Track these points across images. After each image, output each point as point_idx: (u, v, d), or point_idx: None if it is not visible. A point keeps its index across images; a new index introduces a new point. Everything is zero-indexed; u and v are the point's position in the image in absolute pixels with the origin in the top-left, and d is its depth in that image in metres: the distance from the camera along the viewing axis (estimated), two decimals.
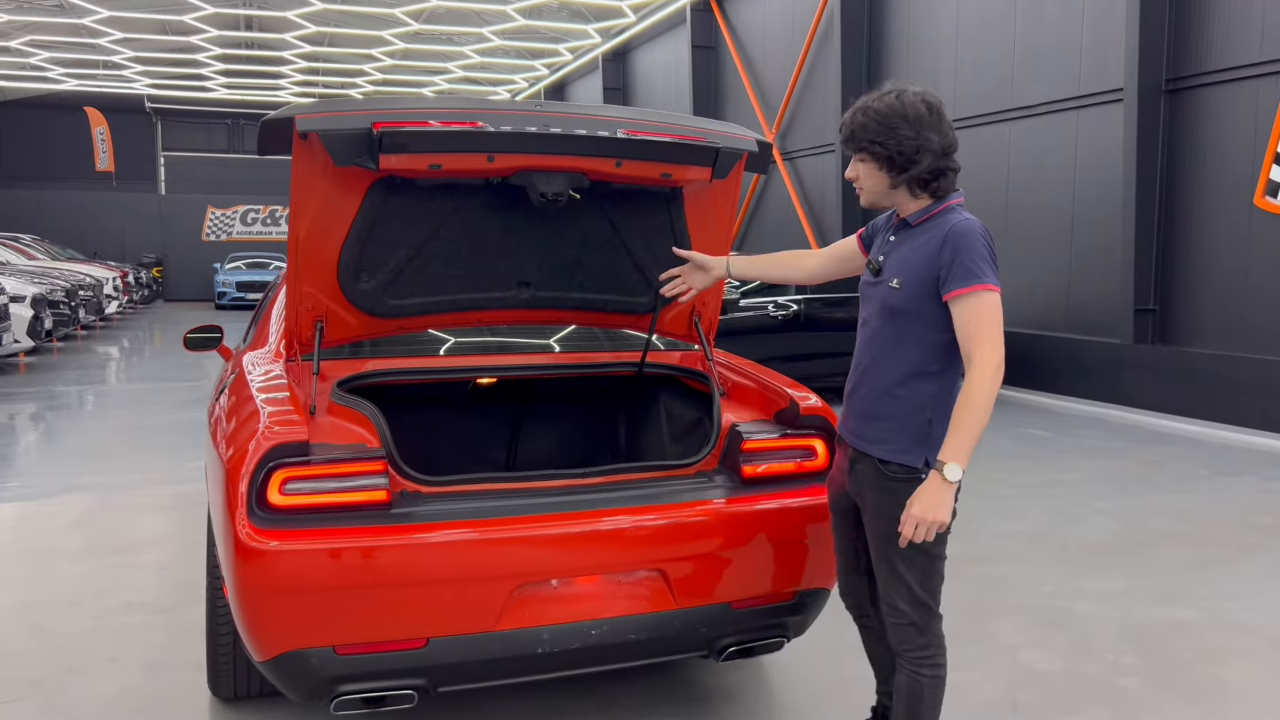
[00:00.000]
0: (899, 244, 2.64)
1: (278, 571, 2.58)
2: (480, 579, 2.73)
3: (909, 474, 2.56)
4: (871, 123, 2.54)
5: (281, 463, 2.64)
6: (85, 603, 4.40)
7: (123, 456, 7.56)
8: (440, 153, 2.90)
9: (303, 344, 3.30)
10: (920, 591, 2.60)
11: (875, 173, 2.60)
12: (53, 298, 14.31)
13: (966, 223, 2.51)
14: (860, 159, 2.62)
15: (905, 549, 2.55)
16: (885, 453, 2.59)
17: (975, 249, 2.45)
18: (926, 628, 2.63)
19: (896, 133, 2.51)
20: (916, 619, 2.61)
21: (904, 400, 2.58)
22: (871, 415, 2.64)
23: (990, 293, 2.44)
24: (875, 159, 2.57)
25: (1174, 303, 9.91)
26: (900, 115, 2.51)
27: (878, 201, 2.66)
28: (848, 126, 2.61)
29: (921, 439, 2.55)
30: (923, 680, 2.63)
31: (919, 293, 2.53)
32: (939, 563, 2.62)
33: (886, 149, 2.53)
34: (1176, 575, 4.94)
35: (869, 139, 2.55)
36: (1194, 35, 9.60)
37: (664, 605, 2.92)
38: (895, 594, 2.62)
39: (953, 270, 2.46)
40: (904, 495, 2.52)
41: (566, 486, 3.01)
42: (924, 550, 2.56)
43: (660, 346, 3.91)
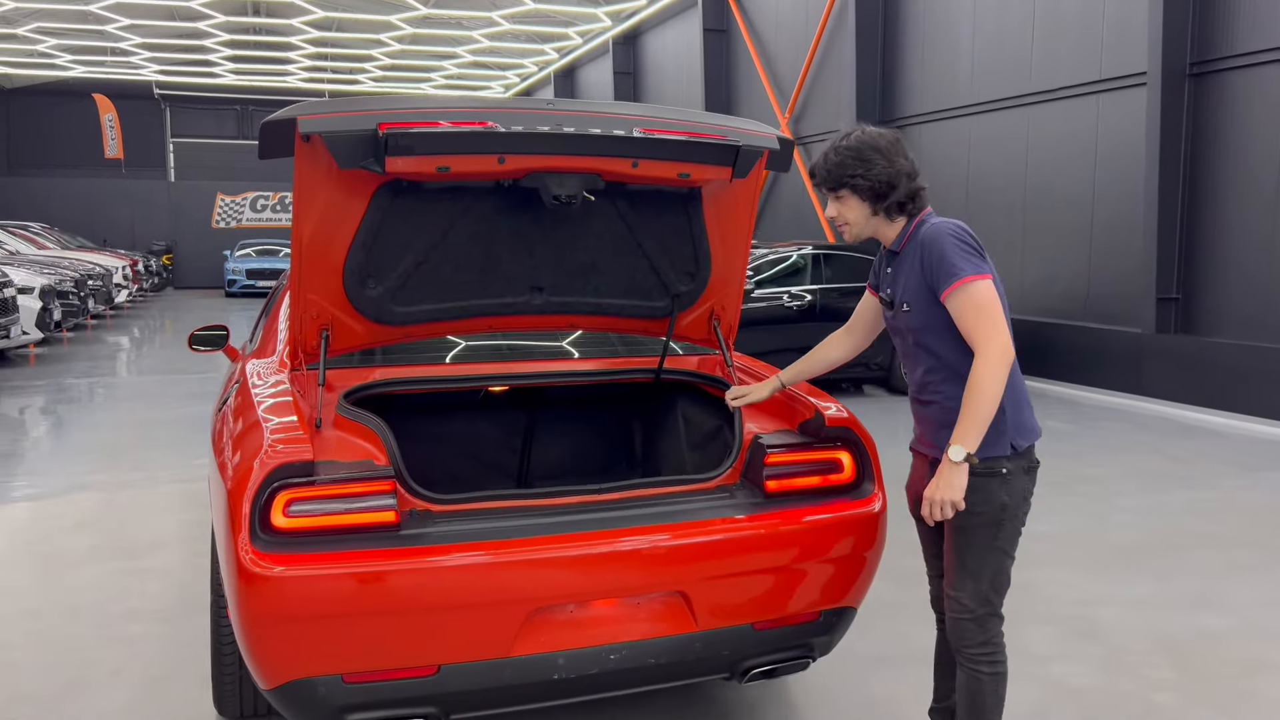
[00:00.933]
0: (895, 272, 2.78)
1: (282, 598, 2.46)
2: (494, 603, 2.61)
3: (990, 468, 2.60)
4: (847, 159, 2.69)
5: (285, 483, 2.52)
6: (88, 611, 4.30)
7: (131, 453, 7.47)
8: (449, 154, 2.77)
9: (308, 353, 3.17)
10: (988, 589, 2.67)
11: (858, 205, 2.73)
12: (61, 288, 14.23)
13: (932, 228, 2.65)
14: (839, 196, 2.76)
15: (982, 546, 2.64)
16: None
17: (945, 247, 2.58)
18: (986, 625, 2.69)
19: (872, 163, 2.66)
20: (979, 614, 2.67)
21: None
22: (944, 423, 2.68)
23: (974, 283, 2.54)
24: (857, 191, 2.71)
25: (1197, 292, 9.73)
26: (871, 146, 2.68)
27: (862, 233, 2.80)
28: (822, 169, 2.75)
29: (997, 429, 2.60)
30: (983, 678, 2.69)
31: (928, 306, 2.66)
32: (1008, 563, 2.69)
33: (867, 179, 2.67)
34: (1208, 580, 4.80)
35: (848, 174, 2.69)
36: (1219, 17, 9.38)
37: (685, 628, 2.79)
38: (962, 588, 2.69)
39: (936, 274, 2.59)
40: (984, 490, 2.60)
41: (583, 504, 2.88)
42: (1000, 548, 2.65)
43: (678, 351, 3.78)
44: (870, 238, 2.81)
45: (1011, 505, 2.64)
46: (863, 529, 2.97)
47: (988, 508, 2.62)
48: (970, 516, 2.61)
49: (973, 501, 2.59)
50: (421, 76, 34.03)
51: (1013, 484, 2.64)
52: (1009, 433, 2.63)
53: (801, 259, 10.45)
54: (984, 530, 2.64)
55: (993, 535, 2.63)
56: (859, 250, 11.22)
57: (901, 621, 4.12)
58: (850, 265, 10.53)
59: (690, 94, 20.94)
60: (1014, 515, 2.66)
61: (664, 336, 3.59)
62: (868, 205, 2.72)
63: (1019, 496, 2.66)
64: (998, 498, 2.62)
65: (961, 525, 2.64)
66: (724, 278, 3.49)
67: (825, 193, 2.79)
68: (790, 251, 10.60)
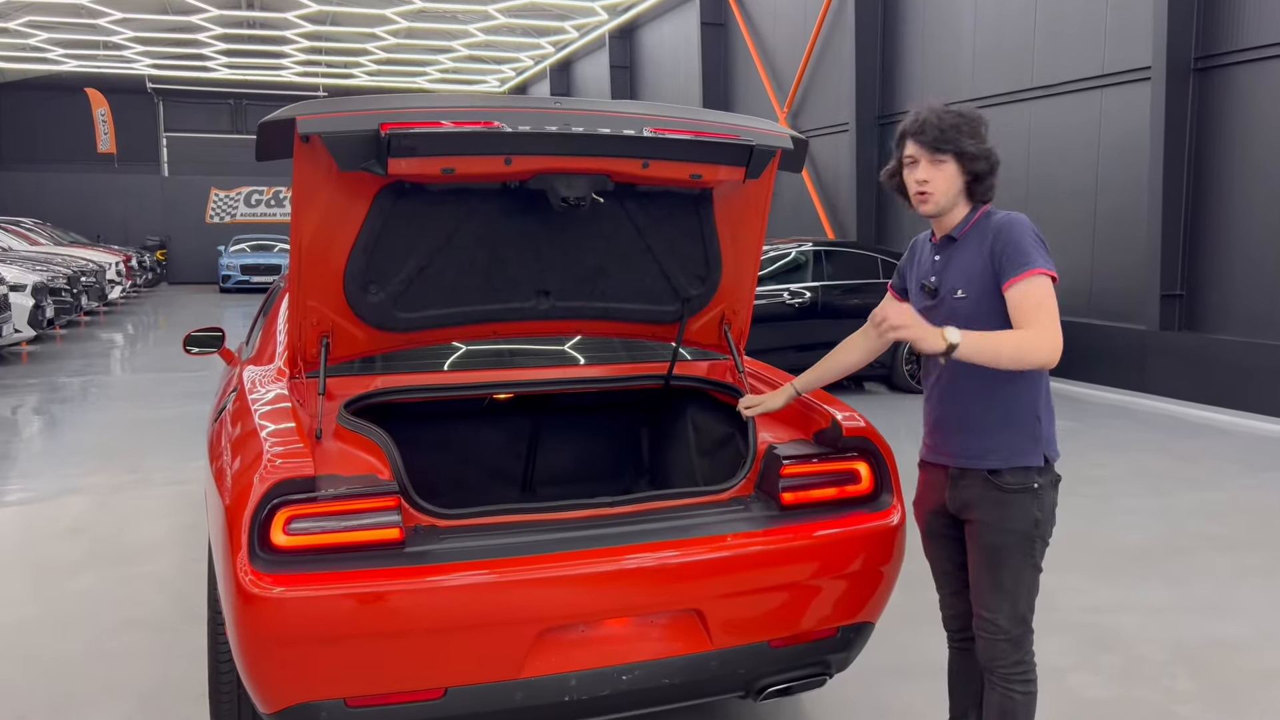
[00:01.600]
0: (948, 259, 2.63)
1: (283, 620, 2.36)
2: (502, 623, 2.51)
3: (1022, 482, 2.53)
4: (961, 124, 2.54)
5: (286, 500, 2.42)
6: (81, 622, 4.20)
7: (124, 454, 7.37)
8: (454, 155, 2.67)
9: (307, 361, 3.07)
10: (1023, 607, 2.58)
11: (955, 175, 2.57)
12: (54, 285, 14.11)
13: (1007, 216, 2.54)
14: (940, 160, 2.56)
15: (1018, 565, 2.54)
16: (998, 460, 2.55)
17: (1023, 235, 2.48)
18: (1022, 643, 2.60)
19: (982, 138, 2.55)
20: (1015, 635, 2.58)
21: (1007, 403, 2.55)
22: (973, 429, 2.59)
23: (1044, 276, 2.44)
24: (961, 159, 2.55)
25: (1201, 288, 9.65)
26: (977, 119, 2.56)
27: (942, 206, 2.61)
28: (934, 127, 2.54)
29: (1033, 438, 2.53)
30: (1016, 697, 2.59)
31: (985, 295, 2.53)
32: (1038, 577, 2.61)
33: (976, 149, 2.54)
34: (1221, 586, 4.72)
35: (962, 137, 2.53)
36: (1225, 12, 9.29)
37: (699, 646, 2.70)
38: (997, 609, 2.58)
39: (1007, 260, 2.46)
40: (1017, 507, 2.52)
41: (593, 517, 2.78)
42: (1034, 564, 2.57)
43: (686, 356, 3.68)
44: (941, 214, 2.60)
45: (1044, 520, 2.58)
46: (881, 542, 2.88)
47: (1023, 525, 2.55)
48: (1005, 535, 2.54)
49: (1007, 520, 2.53)
50: (416, 71, 33.84)
51: (1044, 498, 2.58)
52: (1043, 443, 2.57)
53: (802, 255, 10.36)
54: (1020, 548, 2.56)
55: (1028, 552, 2.57)
56: (860, 247, 11.15)
57: (915, 631, 4.03)
58: (851, 262, 10.44)
59: (687, 88, 20.83)
60: (1047, 531, 2.59)
61: (673, 342, 3.50)
62: (963, 177, 2.56)
63: (1049, 510, 2.60)
64: (1031, 514, 2.55)
65: (996, 544, 2.56)
66: (735, 281, 3.40)
67: (924, 152, 2.55)
68: (790, 248, 10.50)
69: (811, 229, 16.22)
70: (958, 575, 2.77)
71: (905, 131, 2.62)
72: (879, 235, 14.62)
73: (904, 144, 2.63)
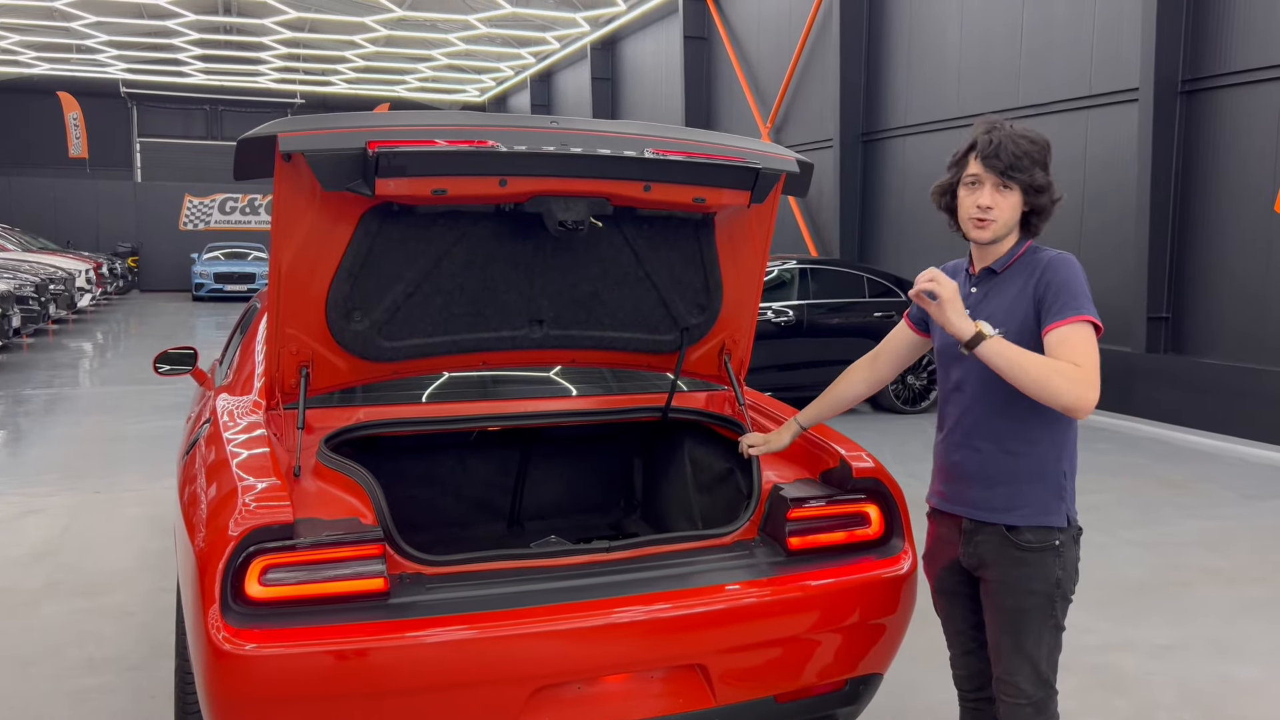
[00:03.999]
0: (987, 293, 2.45)
1: (257, 680, 2.18)
2: (493, 681, 2.34)
3: (1043, 540, 2.36)
4: (1036, 151, 2.36)
5: (261, 548, 2.24)
6: (42, 659, 3.97)
7: (91, 473, 7.11)
8: (445, 176, 2.51)
9: (285, 392, 2.89)
10: (1045, 669, 2.42)
11: (1018, 203, 2.39)
12: (21, 293, 13.78)
13: (1060, 255, 2.36)
14: (1008, 186, 2.37)
15: (1039, 626, 2.38)
16: (1021, 518, 2.38)
17: (1075, 278, 2.30)
18: (1046, 708, 2.44)
19: (1047, 166, 2.38)
20: (1038, 699, 2.41)
21: (1032, 456, 2.37)
22: (994, 480, 2.41)
23: (1091, 325, 2.25)
24: (1029, 191, 2.37)
25: (1188, 311, 9.61)
26: (1048, 148, 2.39)
27: (1001, 233, 2.42)
28: (1010, 151, 2.33)
29: (1059, 494, 2.37)
30: None
31: (1024, 334, 2.33)
32: (1060, 638, 2.46)
33: (1044, 183, 2.37)
34: (1226, 623, 4.60)
35: (1034, 166, 2.35)
36: (1212, 35, 9.27)
37: (702, 703, 2.54)
38: (1018, 673, 2.41)
39: (1054, 300, 2.28)
40: (1038, 566, 2.36)
41: (589, 564, 2.62)
42: (1056, 624, 2.41)
43: (682, 387, 3.52)
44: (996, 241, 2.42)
45: (1065, 578, 2.41)
46: (892, 591, 2.74)
47: (1044, 585, 2.38)
48: (1027, 596, 2.38)
49: (1028, 579, 2.38)
50: (395, 79, 33.59)
51: (1066, 556, 2.41)
52: (1067, 501, 2.41)
53: (787, 273, 10.23)
54: (1041, 610, 2.39)
55: (1049, 613, 2.40)
56: (845, 265, 11.04)
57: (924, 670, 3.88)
58: (836, 280, 10.32)
59: (670, 102, 20.74)
60: (1068, 588, 2.43)
61: (671, 372, 3.34)
62: (1025, 207, 2.39)
63: (1071, 567, 2.43)
64: (1053, 573, 2.38)
65: (1016, 606, 2.40)
66: (736, 310, 3.25)
67: (992, 176, 2.34)
68: (773, 265, 10.38)
69: (794, 246, 16.13)
70: (971, 635, 2.61)
71: (976, 151, 2.38)
72: (862, 253, 14.55)
73: (967, 162, 2.41)
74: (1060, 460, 2.38)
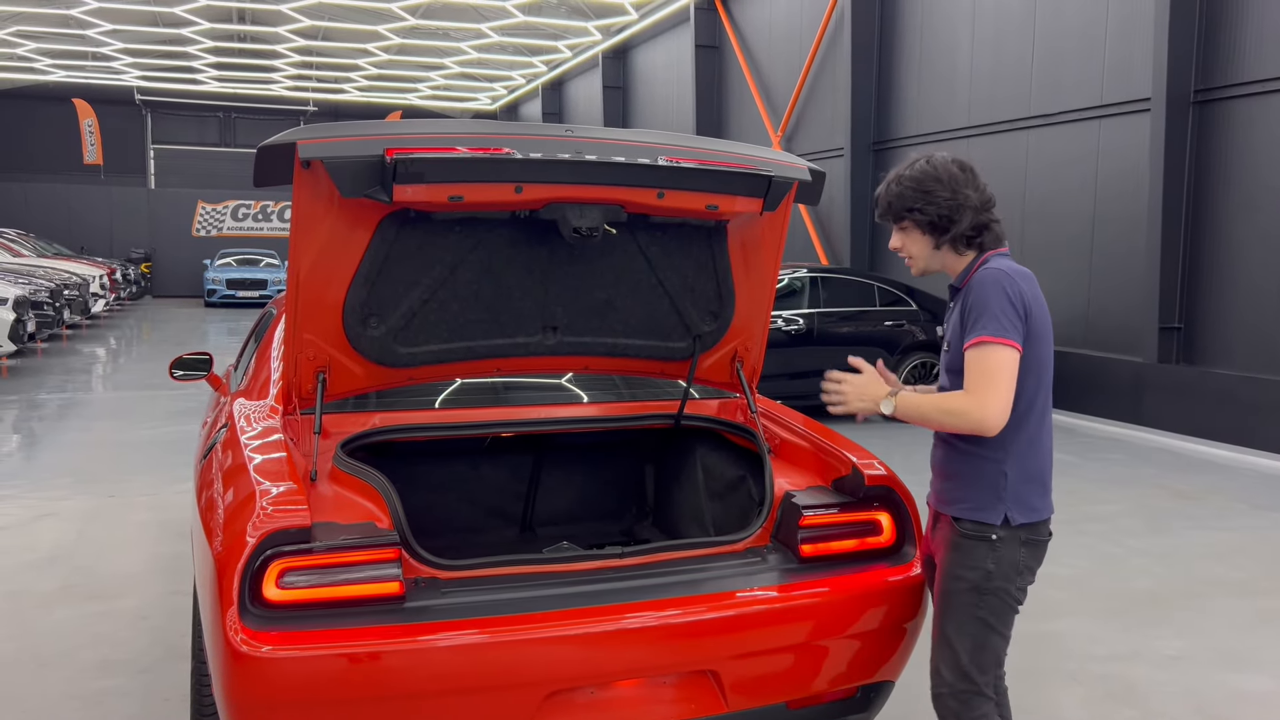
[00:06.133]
0: (953, 310, 2.60)
1: (274, 682, 2.20)
2: (507, 686, 2.36)
3: (979, 532, 2.46)
4: (907, 191, 2.52)
5: (279, 551, 2.27)
6: (57, 662, 4.00)
7: (104, 477, 7.16)
8: (462, 182, 2.54)
9: (302, 397, 2.91)
10: (966, 662, 2.48)
11: (920, 238, 2.57)
12: (36, 299, 13.88)
13: (986, 272, 2.45)
14: (902, 228, 2.59)
15: (962, 614, 2.46)
16: (961, 511, 2.50)
17: (986, 299, 2.39)
18: (970, 704, 2.48)
19: (933, 195, 2.49)
20: (958, 689, 2.48)
21: (976, 456, 2.48)
22: (949, 475, 2.56)
23: (989, 345, 2.35)
24: (917, 225, 2.54)
25: (1200, 322, 9.59)
26: (934, 178, 2.50)
27: (928, 266, 2.62)
28: (883, 200, 2.58)
29: (996, 493, 2.45)
30: None
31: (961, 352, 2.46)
32: (995, 637, 2.49)
33: (927, 214, 2.50)
34: (1236, 633, 4.59)
35: (906, 207, 2.53)
36: (1224, 45, 9.26)
37: (714, 709, 2.56)
38: (940, 659, 2.53)
39: (970, 321, 2.41)
40: (969, 554, 2.46)
41: (602, 569, 2.64)
42: (983, 620, 2.46)
43: (694, 395, 3.54)
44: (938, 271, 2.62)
45: (998, 574, 2.45)
46: (904, 598, 2.75)
47: (972, 574, 2.45)
48: (954, 581, 2.48)
49: (958, 565, 2.47)
50: (408, 87, 33.73)
51: (1002, 552, 2.45)
52: (1006, 503, 2.45)
53: (797, 282, 10.24)
54: (966, 596, 2.46)
55: (974, 603, 2.46)
56: (856, 273, 11.05)
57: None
58: (847, 288, 10.34)
59: (681, 110, 20.78)
60: (1001, 588, 2.45)
61: (683, 380, 3.36)
62: (930, 238, 2.54)
63: (1008, 567, 2.45)
64: (983, 565, 2.45)
65: (945, 590, 2.51)
66: (749, 317, 3.27)
67: (887, 223, 2.62)
68: (784, 274, 10.39)
69: (804, 254, 16.14)
70: None
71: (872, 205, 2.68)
72: (872, 261, 14.55)
73: None
74: (1002, 463, 2.45)
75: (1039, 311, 2.44)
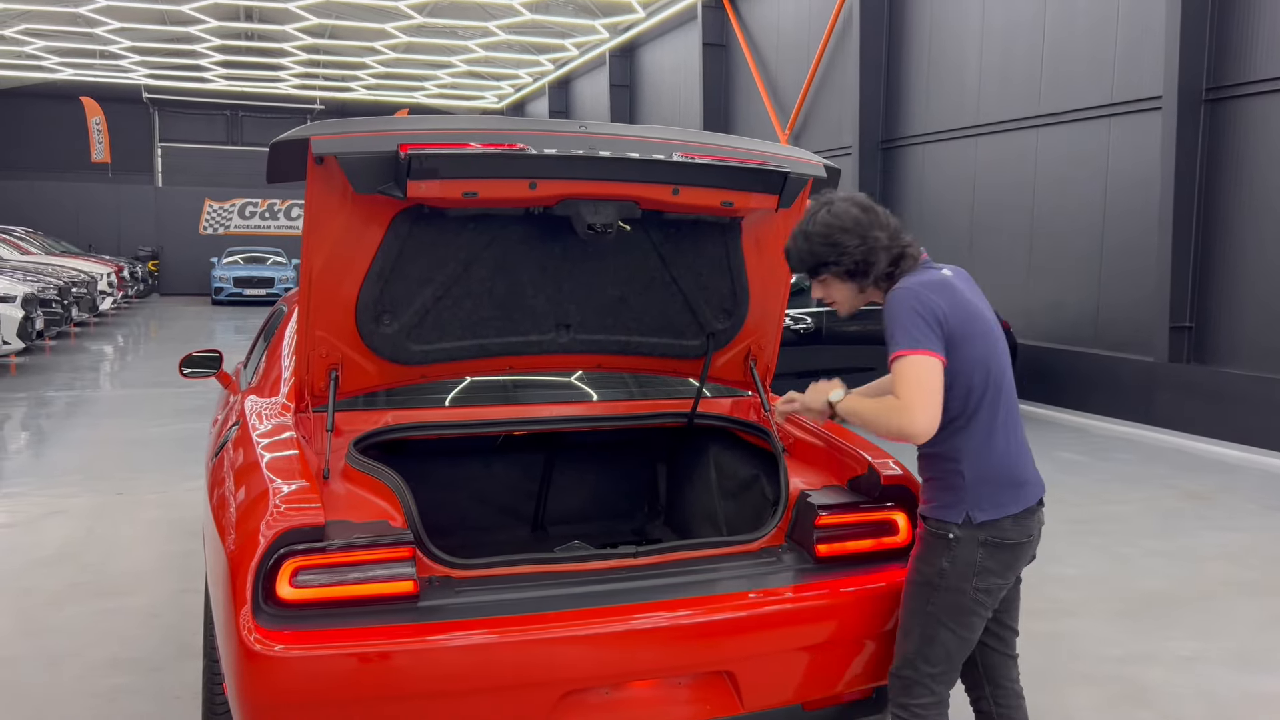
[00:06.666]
0: None
1: (287, 681, 2.19)
2: (522, 686, 2.34)
3: (940, 530, 2.49)
4: (817, 246, 2.55)
5: (293, 550, 2.25)
6: (67, 659, 4.00)
7: (113, 475, 7.16)
8: (476, 178, 2.53)
9: (314, 395, 2.90)
10: (914, 652, 2.52)
11: (842, 286, 2.60)
12: (44, 296, 13.89)
13: (893, 294, 2.50)
14: (821, 280, 2.63)
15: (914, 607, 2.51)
16: (927, 509, 2.56)
17: (895, 317, 2.45)
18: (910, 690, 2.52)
19: (843, 246, 2.51)
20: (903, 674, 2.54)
21: (935, 457, 2.53)
22: (923, 477, 2.62)
23: (905, 358, 2.38)
24: (836, 276, 2.58)
25: (1211, 321, 9.54)
26: (840, 229, 2.51)
27: (855, 307, 2.67)
28: (794, 256, 2.63)
29: (955, 493, 2.47)
30: None
31: None
32: (945, 634, 2.49)
33: (842, 264, 2.53)
34: (1252, 634, 4.56)
35: (820, 261, 2.57)
36: (1236, 43, 9.21)
37: (729, 710, 2.54)
38: (898, 640, 2.59)
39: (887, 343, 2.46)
40: (928, 549, 2.50)
41: (616, 569, 2.62)
42: (934, 616, 2.48)
43: (706, 394, 3.52)
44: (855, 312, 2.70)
45: (952, 573, 2.45)
46: None
47: (927, 569, 2.49)
48: (913, 573, 2.55)
49: (918, 558, 2.54)
50: (415, 86, 33.73)
51: (958, 552, 2.45)
52: (966, 502, 2.46)
53: (806, 280, 10.19)
54: (920, 590, 2.51)
55: (926, 599, 2.50)
56: None
57: None
58: None
59: (688, 109, 20.75)
60: (955, 587, 2.45)
61: (696, 378, 3.34)
62: (852, 285, 2.59)
63: (964, 567, 2.45)
64: (938, 562, 2.46)
65: (907, 581, 2.59)
66: (762, 315, 3.25)
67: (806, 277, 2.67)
68: None
69: None
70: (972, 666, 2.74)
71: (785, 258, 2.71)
72: None
73: None
74: (958, 464, 2.47)
75: (963, 314, 2.44)
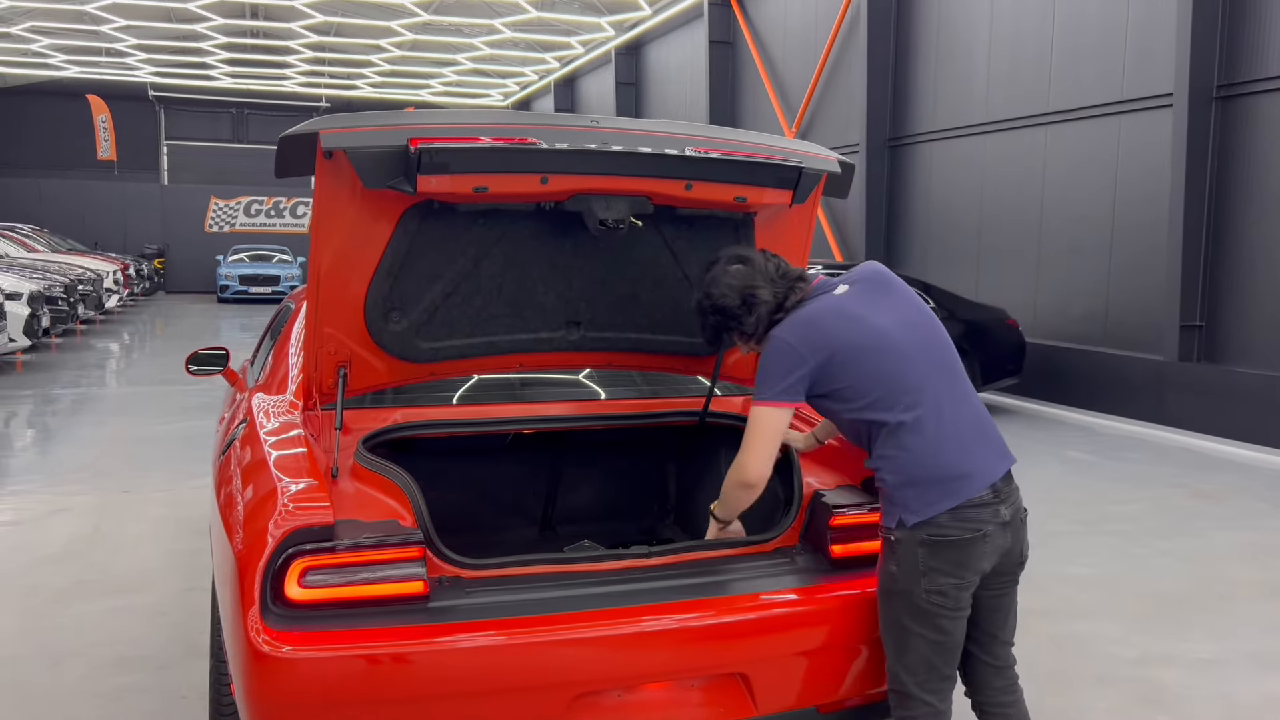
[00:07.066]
0: None
1: (295, 683, 2.16)
2: (533, 688, 2.31)
3: (885, 534, 2.54)
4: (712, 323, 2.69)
5: (301, 549, 2.22)
6: (73, 658, 3.97)
7: (119, 473, 7.14)
8: (487, 173, 2.49)
9: (323, 393, 2.87)
10: (894, 663, 2.53)
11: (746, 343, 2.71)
12: (50, 294, 13.89)
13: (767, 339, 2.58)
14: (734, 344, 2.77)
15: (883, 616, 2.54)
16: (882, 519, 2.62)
17: (760, 366, 2.56)
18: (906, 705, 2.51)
19: (731, 315, 2.62)
20: (894, 689, 2.54)
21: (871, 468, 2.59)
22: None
23: (756, 408, 2.52)
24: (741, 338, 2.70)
25: (1221, 319, 9.48)
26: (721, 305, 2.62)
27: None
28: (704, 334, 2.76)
29: (887, 499, 2.53)
30: None
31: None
32: (914, 639, 2.47)
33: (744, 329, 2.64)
34: (1268, 636, 4.51)
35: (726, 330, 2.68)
36: (1248, 39, 9.15)
37: (743, 712, 2.50)
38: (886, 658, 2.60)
39: None
40: (884, 557, 2.53)
41: (628, 569, 2.58)
42: (898, 622, 2.49)
43: (718, 392, 3.48)
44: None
45: (901, 576, 2.45)
46: None
47: (883, 576, 2.52)
48: (878, 583, 2.56)
49: (878, 567, 2.56)
50: (420, 83, 33.71)
51: (900, 554, 2.46)
52: (896, 506, 2.49)
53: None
54: (882, 599, 2.54)
55: (887, 605, 2.52)
56: None
57: None
58: None
59: (694, 106, 20.70)
60: (907, 589, 2.44)
61: (708, 376, 3.30)
62: (754, 341, 2.67)
63: (909, 569, 2.44)
64: (888, 566, 2.49)
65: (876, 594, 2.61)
66: None
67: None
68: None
69: (819, 251, 16.05)
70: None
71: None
72: (887, 259, 14.45)
73: None
74: (880, 472, 2.52)
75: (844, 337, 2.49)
